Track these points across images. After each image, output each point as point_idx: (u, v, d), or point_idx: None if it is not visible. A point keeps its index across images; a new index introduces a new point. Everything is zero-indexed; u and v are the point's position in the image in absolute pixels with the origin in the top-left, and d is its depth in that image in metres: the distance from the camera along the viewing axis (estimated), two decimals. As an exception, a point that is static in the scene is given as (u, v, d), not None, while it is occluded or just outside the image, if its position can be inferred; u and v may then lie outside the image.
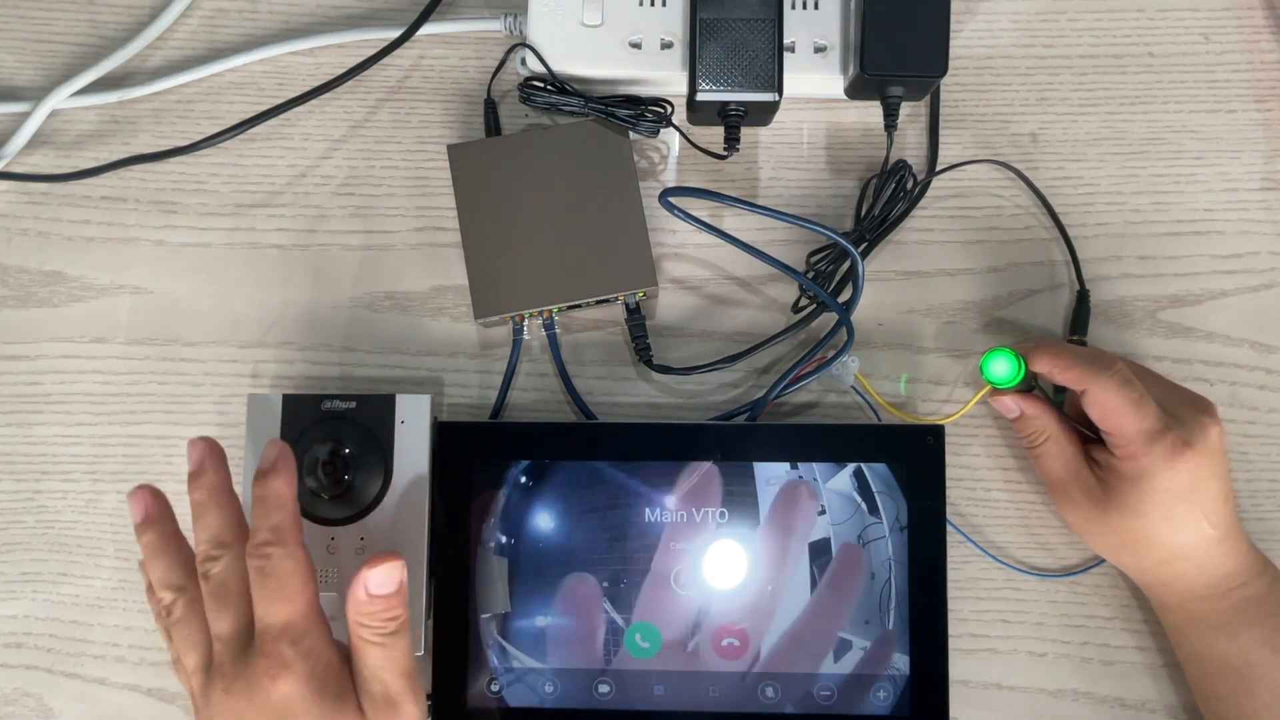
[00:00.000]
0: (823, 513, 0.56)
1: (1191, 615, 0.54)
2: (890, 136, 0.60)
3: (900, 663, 0.55)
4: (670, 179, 0.62)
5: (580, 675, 0.56)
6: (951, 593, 0.57)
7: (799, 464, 0.56)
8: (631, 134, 0.59)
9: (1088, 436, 0.56)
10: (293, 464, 0.49)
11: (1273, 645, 0.52)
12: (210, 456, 0.49)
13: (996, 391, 0.57)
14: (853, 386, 0.60)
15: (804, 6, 0.59)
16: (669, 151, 0.62)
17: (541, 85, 0.59)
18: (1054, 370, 0.54)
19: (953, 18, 0.58)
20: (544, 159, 0.59)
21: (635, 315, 0.59)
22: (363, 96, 0.63)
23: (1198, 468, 0.52)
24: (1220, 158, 0.62)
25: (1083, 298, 0.60)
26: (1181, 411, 0.53)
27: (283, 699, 0.45)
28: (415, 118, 0.63)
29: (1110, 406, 0.52)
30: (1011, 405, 0.57)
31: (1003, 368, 0.55)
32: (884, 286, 0.61)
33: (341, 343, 0.61)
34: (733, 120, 0.59)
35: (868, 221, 0.60)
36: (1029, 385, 0.57)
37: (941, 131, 0.62)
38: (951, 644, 0.57)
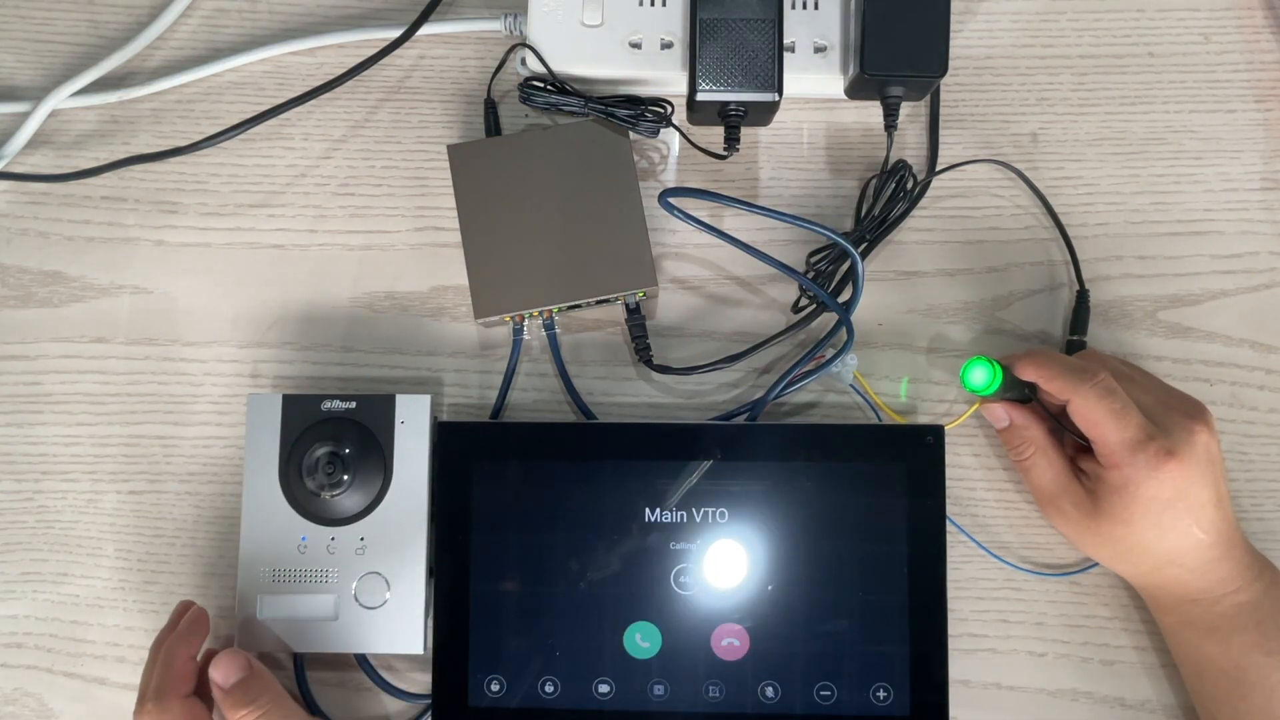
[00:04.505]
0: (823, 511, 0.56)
1: (1185, 618, 0.54)
2: (890, 136, 0.60)
3: (900, 663, 0.55)
4: (670, 179, 0.62)
5: (580, 675, 0.56)
6: (951, 593, 0.57)
7: (799, 463, 0.56)
8: (631, 134, 0.59)
9: (1080, 445, 0.56)
10: (196, 625, 0.56)
11: (1265, 649, 0.52)
12: (178, 619, 0.56)
13: (989, 401, 0.57)
14: (851, 385, 0.60)
15: (804, 6, 0.59)
16: (669, 151, 0.62)
17: (541, 85, 0.59)
18: (1040, 379, 0.55)
19: (953, 18, 0.58)
20: (544, 159, 0.59)
21: (635, 315, 0.59)
22: (363, 96, 0.63)
23: (1182, 476, 0.52)
24: (1220, 158, 0.62)
25: (1082, 298, 0.60)
26: (1170, 419, 0.53)
27: None
28: (415, 118, 0.63)
29: (1092, 417, 0.53)
30: (1001, 415, 0.57)
31: (980, 375, 0.54)
32: (884, 286, 0.61)
33: (341, 343, 0.61)
34: (733, 120, 0.59)
35: (868, 221, 0.60)
36: (1026, 396, 0.57)
37: (941, 131, 0.62)
38: (951, 644, 0.57)
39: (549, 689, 0.56)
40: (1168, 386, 0.56)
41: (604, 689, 0.56)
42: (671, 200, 0.56)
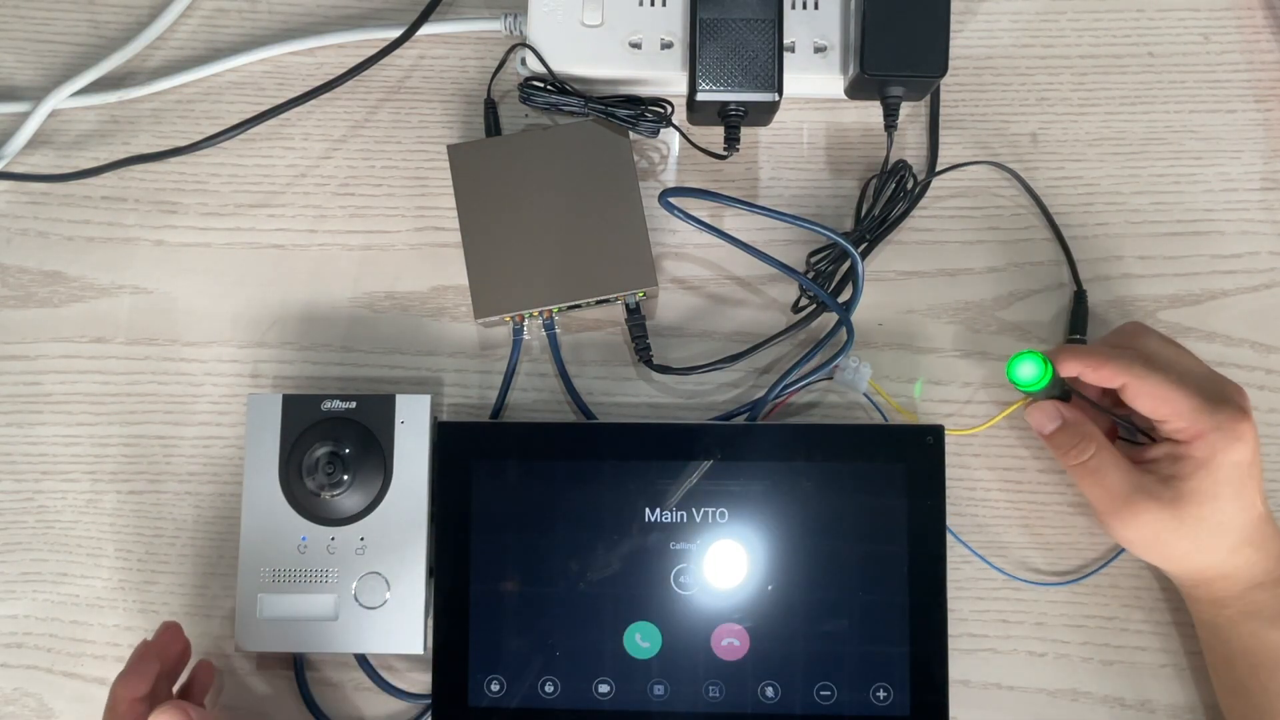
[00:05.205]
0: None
1: (1249, 607, 0.53)
2: (890, 136, 0.60)
3: (900, 663, 0.55)
4: (670, 179, 0.62)
5: (580, 675, 0.56)
6: (951, 593, 0.57)
7: (799, 463, 0.56)
8: (631, 134, 0.59)
9: (1132, 440, 0.55)
10: (142, 662, 0.53)
11: None
12: (164, 636, 0.56)
13: (1031, 401, 0.55)
14: (865, 394, 0.59)
15: (804, 6, 0.59)
16: (669, 151, 0.62)
17: (541, 85, 0.59)
18: (1085, 371, 0.52)
19: (953, 18, 0.58)
20: (544, 159, 0.59)
21: (635, 315, 0.59)
22: (363, 96, 0.63)
23: (1254, 435, 0.51)
24: (1220, 158, 0.62)
25: (1080, 298, 0.60)
26: (1221, 384, 0.52)
27: None
28: (415, 118, 0.63)
29: (1157, 393, 0.51)
30: (1053, 414, 0.54)
31: (1029, 370, 0.52)
32: (884, 286, 0.61)
33: (341, 343, 0.61)
34: (733, 120, 0.59)
35: (868, 221, 0.60)
36: (1065, 394, 0.55)
37: (941, 131, 0.62)
38: (951, 644, 0.57)
39: (549, 689, 0.56)
40: (1197, 358, 0.54)
41: (604, 689, 0.56)
42: (671, 200, 0.56)
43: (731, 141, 0.59)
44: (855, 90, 0.60)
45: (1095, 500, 0.54)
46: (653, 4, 0.59)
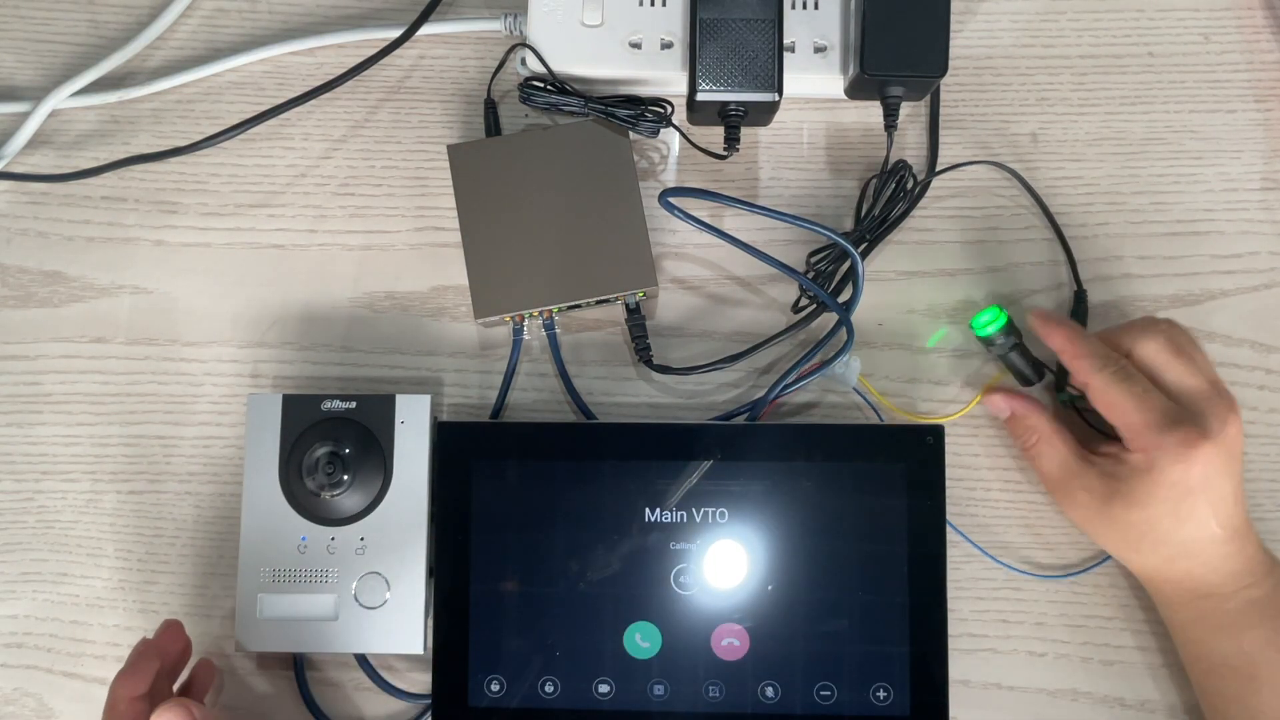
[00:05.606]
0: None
1: (1196, 614, 0.54)
2: (890, 136, 0.60)
3: (900, 663, 0.55)
4: (670, 179, 0.62)
5: (580, 675, 0.56)
6: (951, 593, 0.57)
7: (799, 463, 0.56)
8: (631, 134, 0.59)
9: (1101, 433, 0.56)
10: (141, 661, 0.53)
11: (1277, 645, 0.52)
12: (164, 635, 0.56)
13: (990, 392, 0.58)
14: (855, 389, 0.59)
15: (804, 6, 0.59)
16: (669, 151, 0.62)
17: (541, 85, 0.59)
18: (1063, 353, 0.55)
19: (953, 18, 0.58)
20: (544, 159, 0.59)
21: (635, 315, 0.59)
22: (363, 96, 0.63)
23: (1211, 461, 0.51)
24: (1220, 158, 0.62)
25: (1080, 298, 0.60)
26: (1209, 404, 0.52)
27: None
28: (415, 118, 0.63)
29: (1110, 400, 0.53)
30: (1002, 405, 0.57)
31: (985, 318, 0.57)
32: (884, 286, 0.61)
33: (341, 343, 0.61)
34: (733, 120, 0.59)
35: (868, 221, 0.60)
36: (1030, 380, 0.58)
37: (941, 131, 0.62)
38: (951, 644, 0.57)
39: (549, 689, 0.56)
40: (1216, 375, 0.55)
41: (604, 689, 0.56)
42: (671, 200, 0.56)
43: (731, 141, 0.59)
44: (855, 90, 0.60)
45: (1041, 479, 0.57)
46: (653, 4, 0.59)
